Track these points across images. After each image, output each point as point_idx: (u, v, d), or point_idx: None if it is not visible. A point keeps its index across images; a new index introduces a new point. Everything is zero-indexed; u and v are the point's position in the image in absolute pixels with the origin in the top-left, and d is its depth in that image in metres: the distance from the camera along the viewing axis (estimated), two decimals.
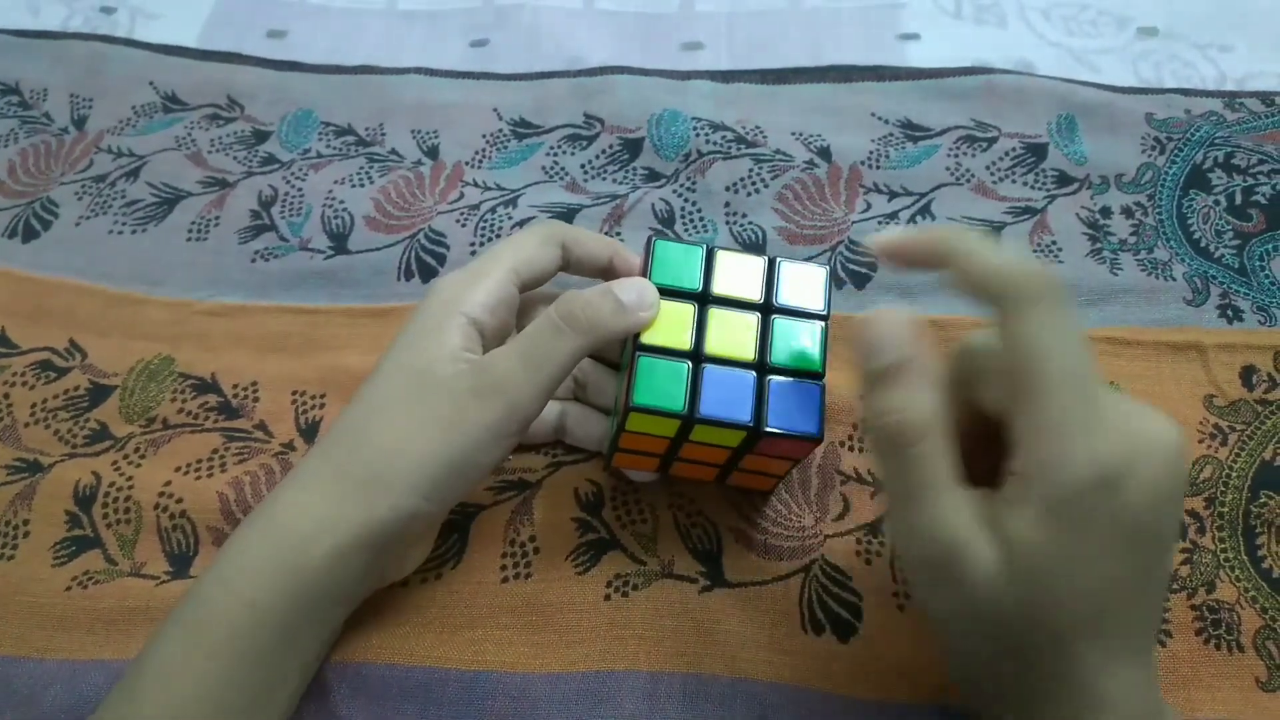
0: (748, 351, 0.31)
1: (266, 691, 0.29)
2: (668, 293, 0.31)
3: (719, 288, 0.32)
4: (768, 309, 0.32)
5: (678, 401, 0.30)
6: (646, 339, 0.31)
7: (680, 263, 0.32)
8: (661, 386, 0.30)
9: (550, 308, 0.31)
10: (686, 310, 0.31)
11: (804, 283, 0.32)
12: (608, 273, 0.35)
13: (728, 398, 0.30)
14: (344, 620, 0.33)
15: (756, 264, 0.32)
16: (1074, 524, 0.24)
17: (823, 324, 0.32)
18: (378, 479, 0.29)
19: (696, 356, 0.31)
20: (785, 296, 0.32)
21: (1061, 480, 0.24)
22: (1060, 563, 0.24)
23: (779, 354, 0.31)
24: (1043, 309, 0.25)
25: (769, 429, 0.30)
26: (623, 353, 0.35)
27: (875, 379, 0.26)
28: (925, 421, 0.25)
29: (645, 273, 0.32)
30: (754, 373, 0.31)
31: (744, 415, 0.30)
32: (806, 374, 0.31)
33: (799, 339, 0.31)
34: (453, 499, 0.32)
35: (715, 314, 0.31)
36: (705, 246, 0.33)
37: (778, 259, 0.33)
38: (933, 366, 0.26)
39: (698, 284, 0.32)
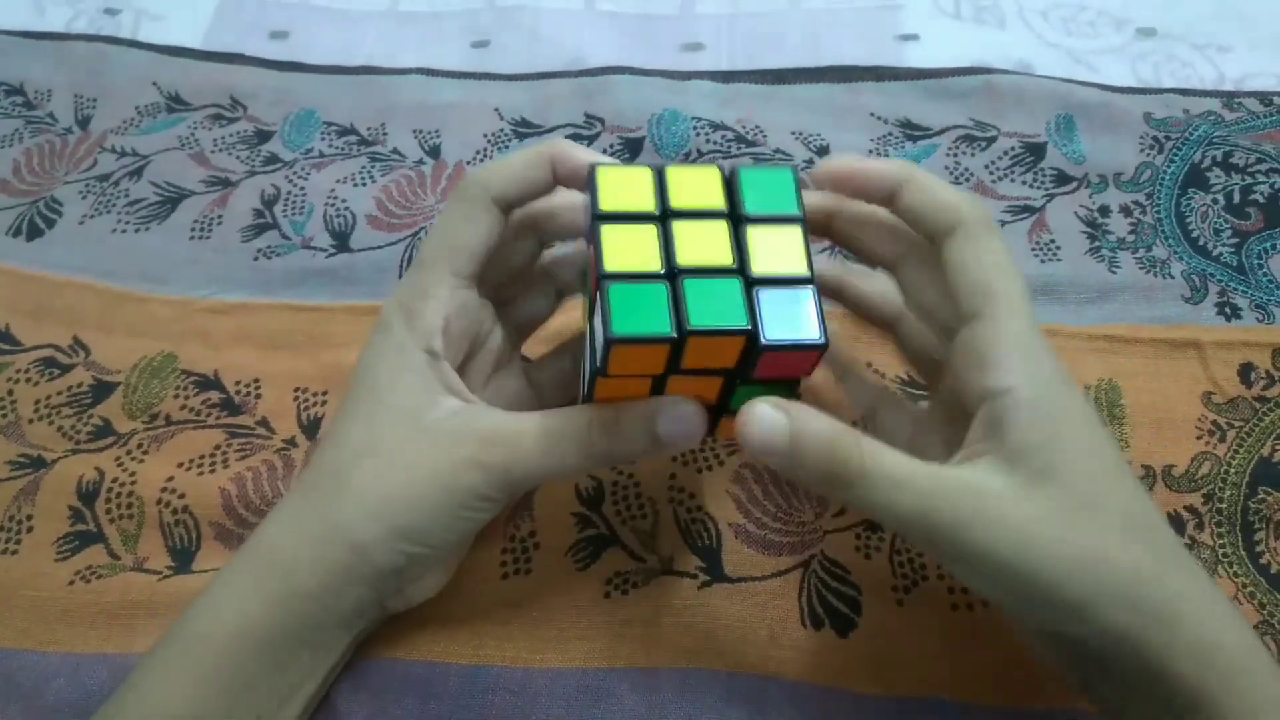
0: (725, 257, 0.27)
1: (257, 714, 0.29)
2: (619, 217, 0.27)
3: (677, 202, 0.28)
4: (736, 217, 0.28)
5: (663, 323, 0.25)
6: (610, 266, 0.26)
7: (629, 186, 0.28)
8: (640, 312, 0.26)
9: (595, 415, 0.28)
10: (648, 230, 0.27)
11: (771, 188, 0.28)
12: (558, 182, 0.31)
13: (716, 308, 0.26)
14: (348, 650, 0.32)
15: (713, 174, 0.28)
16: (1059, 415, 0.26)
17: (800, 225, 0.28)
18: (361, 533, 0.28)
19: (671, 275, 0.26)
20: (753, 204, 0.28)
21: (1042, 378, 0.26)
22: (1065, 458, 0.26)
23: (760, 262, 0.27)
24: (990, 236, 0.28)
25: (768, 341, 0.26)
26: (584, 284, 0.31)
27: (789, 448, 0.26)
28: (856, 430, 0.26)
29: (591, 207, 0.27)
30: (739, 279, 0.27)
31: (740, 321, 0.26)
32: (794, 281, 0.27)
33: (778, 244, 0.27)
34: (444, 546, 0.30)
35: (680, 226, 0.27)
36: (653, 167, 0.28)
37: (737, 167, 0.29)
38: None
39: (654, 204, 0.28)
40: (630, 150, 0.49)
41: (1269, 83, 0.52)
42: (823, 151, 0.48)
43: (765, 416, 0.26)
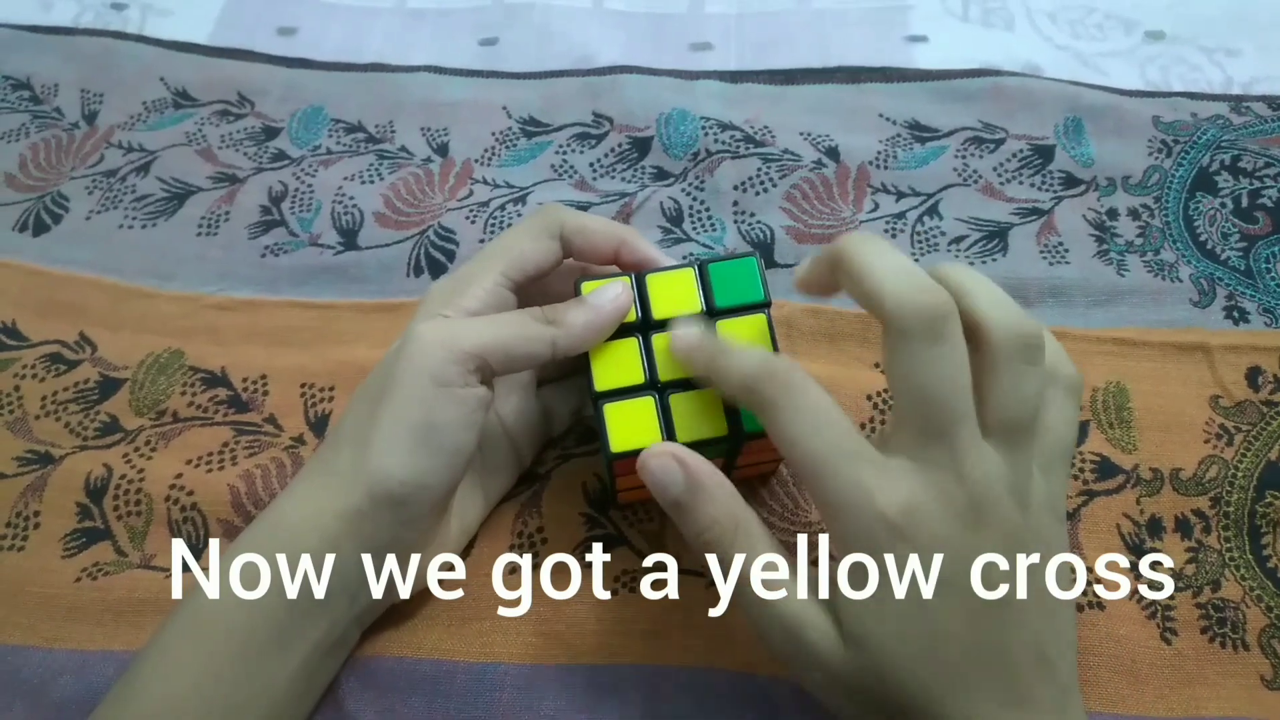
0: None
1: (265, 687, 0.29)
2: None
3: (658, 312, 0.32)
4: (711, 316, 0.32)
5: (655, 435, 0.30)
6: (601, 384, 0.31)
7: None
8: (634, 426, 0.30)
9: (538, 309, 0.31)
10: (631, 343, 0.31)
11: (738, 278, 0.32)
12: (616, 263, 0.34)
13: (699, 418, 0.30)
14: (355, 628, 0.32)
15: (688, 276, 0.32)
16: (881, 579, 0.25)
17: (765, 311, 0.32)
18: (350, 465, 0.30)
19: (655, 386, 0.31)
20: (723, 297, 0.32)
21: (854, 541, 0.26)
22: (882, 620, 0.25)
23: None
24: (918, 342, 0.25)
25: (749, 432, 0.30)
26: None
27: (674, 509, 0.28)
28: (737, 522, 0.28)
29: None
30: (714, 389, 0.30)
31: (720, 428, 0.30)
32: None
33: (747, 334, 0.31)
34: (433, 480, 0.30)
35: (660, 339, 0.31)
36: (633, 275, 0.32)
37: (707, 263, 0.32)
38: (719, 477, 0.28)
39: (636, 314, 0.32)
40: (638, 149, 0.49)
41: (1277, 87, 0.52)
42: (831, 152, 0.48)
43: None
